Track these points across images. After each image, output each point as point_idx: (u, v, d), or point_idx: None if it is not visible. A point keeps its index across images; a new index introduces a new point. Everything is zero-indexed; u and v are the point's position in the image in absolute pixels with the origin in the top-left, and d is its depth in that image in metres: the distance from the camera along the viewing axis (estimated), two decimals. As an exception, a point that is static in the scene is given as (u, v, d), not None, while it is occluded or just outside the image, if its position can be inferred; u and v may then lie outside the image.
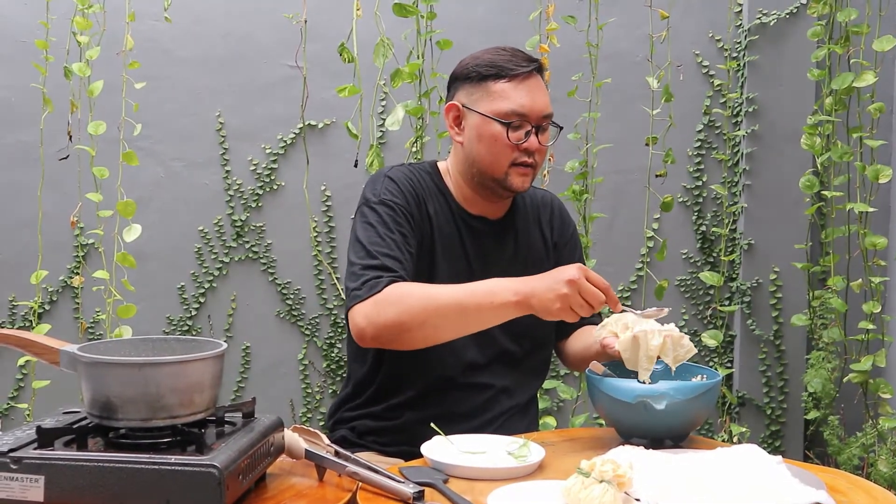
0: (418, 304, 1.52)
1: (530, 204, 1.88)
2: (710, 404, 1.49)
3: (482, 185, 1.73)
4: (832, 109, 2.87)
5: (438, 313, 1.52)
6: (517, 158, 1.68)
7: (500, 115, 1.66)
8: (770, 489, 1.18)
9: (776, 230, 3.29)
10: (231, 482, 1.08)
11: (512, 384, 1.76)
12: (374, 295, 1.54)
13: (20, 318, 3.31)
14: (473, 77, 1.70)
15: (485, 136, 1.68)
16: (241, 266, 3.39)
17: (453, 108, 1.74)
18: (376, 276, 1.57)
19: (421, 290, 1.55)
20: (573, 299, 1.45)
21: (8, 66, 3.24)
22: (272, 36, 3.30)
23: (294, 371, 3.39)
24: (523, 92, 1.67)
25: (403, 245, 1.64)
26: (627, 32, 3.29)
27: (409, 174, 1.75)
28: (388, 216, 1.66)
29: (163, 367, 1.15)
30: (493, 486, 1.23)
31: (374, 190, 1.71)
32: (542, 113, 1.68)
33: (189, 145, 3.35)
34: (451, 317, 1.53)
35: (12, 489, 1.08)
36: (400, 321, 1.52)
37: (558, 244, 1.88)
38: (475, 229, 1.77)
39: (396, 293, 1.54)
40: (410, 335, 1.55)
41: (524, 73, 1.67)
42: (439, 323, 1.53)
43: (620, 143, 3.23)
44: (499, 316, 1.53)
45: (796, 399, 3.26)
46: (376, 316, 1.53)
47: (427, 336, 1.56)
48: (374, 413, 1.75)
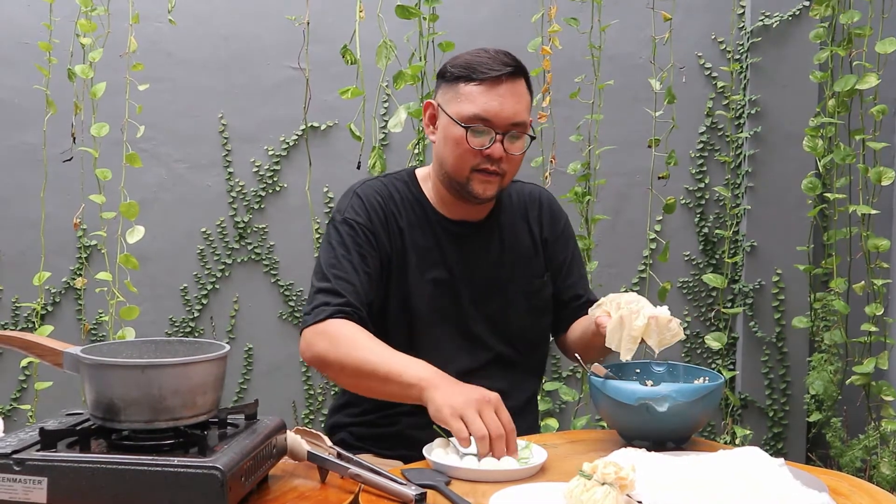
0: (342, 350, 1.53)
1: (517, 200, 1.83)
2: (713, 407, 1.49)
3: (451, 186, 1.69)
4: (835, 111, 2.86)
5: (354, 368, 1.52)
6: (479, 164, 1.63)
7: (463, 118, 1.61)
8: (772, 492, 1.18)
9: (779, 232, 3.28)
10: (234, 484, 1.08)
11: (507, 386, 1.70)
12: (315, 324, 1.57)
13: (23, 320, 3.31)
14: (448, 77, 1.66)
15: (449, 138, 1.64)
16: (244, 268, 3.39)
17: (430, 107, 1.72)
18: (324, 302, 1.59)
19: (351, 339, 1.54)
20: (468, 409, 1.35)
21: (11, 68, 3.25)
22: (275, 38, 3.31)
23: (296, 373, 3.39)
24: (491, 97, 1.60)
25: (360, 266, 1.63)
26: (630, 34, 3.29)
27: (379, 189, 1.73)
28: (348, 236, 1.66)
29: (166, 369, 1.15)
30: (495, 489, 1.23)
31: (341, 207, 1.72)
32: (511, 121, 1.61)
33: (192, 147, 3.36)
34: (364, 376, 1.52)
35: (15, 491, 1.08)
36: (325, 358, 1.55)
37: (548, 240, 1.84)
38: (455, 234, 1.73)
39: (331, 331, 1.55)
40: (333, 375, 1.61)
41: (493, 76, 1.60)
42: (352, 377, 1.55)
43: (623, 145, 3.23)
44: (400, 395, 1.48)
45: (799, 401, 3.26)
46: (311, 344, 1.57)
47: (345, 383, 1.62)
48: (370, 421, 1.75)
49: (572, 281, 1.85)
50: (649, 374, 1.65)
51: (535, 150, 2.98)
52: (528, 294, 1.78)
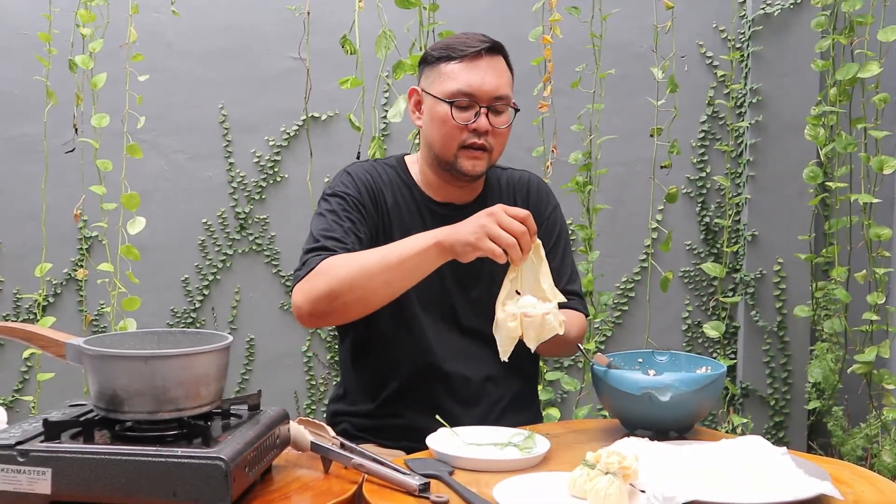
0: (344, 269, 1.53)
1: (506, 185, 1.84)
2: (715, 396, 1.49)
3: (440, 168, 1.72)
4: (836, 100, 2.85)
5: (363, 272, 1.52)
6: (466, 140, 1.66)
7: (447, 95, 1.65)
8: (775, 480, 1.18)
9: (780, 221, 3.28)
10: (237, 474, 1.09)
11: (498, 371, 1.70)
12: (309, 273, 1.57)
13: (24, 311, 3.32)
14: (430, 60, 1.71)
15: (435, 118, 1.68)
16: (245, 258, 3.39)
17: (414, 93, 1.76)
18: (315, 255, 1.59)
19: (348, 257, 1.57)
20: (490, 229, 1.42)
21: (11, 59, 3.24)
22: (275, 28, 3.30)
23: (298, 363, 3.39)
24: (472, 72, 1.65)
25: (351, 230, 1.65)
26: (631, 23, 3.28)
27: (368, 169, 1.76)
28: (338, 205, 1.68)
29: (169, 360, 1.15)
30: (498, 478, 1.24)
31: (332, 183, 1.75)
32: (493, 94, 1.65)
33: (192, 138, 3.35)
34: (376, 273, 1.52)
35: (20, 482, 1.09)
36: (329, 289, 1.53)
37: None
38: (441, 216, 1.73)
39: (326, 265, 1.56)
40: (342, 301, 1.54)
41: (472, 52, 1.65)
42: (366, 282, 1.52)
43: (624, 135, 3.22)
44: (422, 263, 1.51)
45: (800, 390, 3.26)
46: (309, 290, 1.56)
47: (358, 298, 1.55)
48: (367, 412, 1.75)
49: (552, 268, 1.82)
50: (652, 364, 1.65)
51: (536, 140, 2.97)
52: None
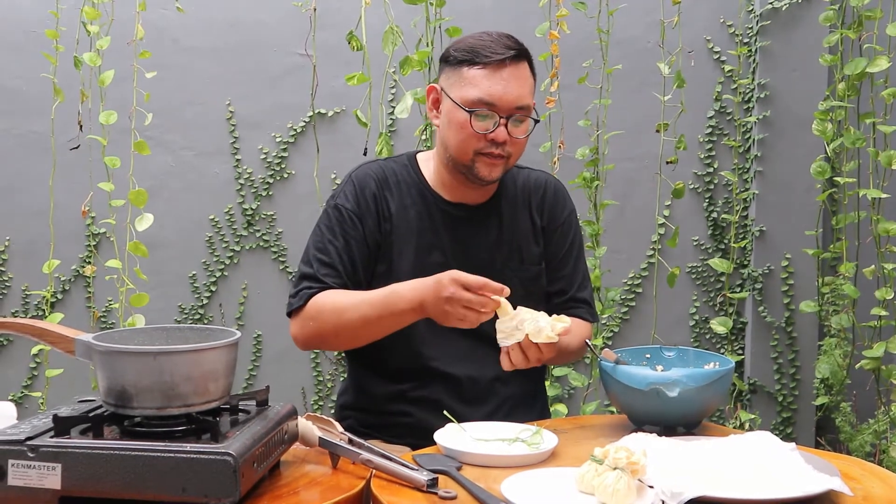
0: (330, 318, 1.63)
1: (521, 187, 1.81)
2: (723, 391, 1.49)
3: (456, 170, 1.70)
4: (844, 95, 2.84)
5: (346, 326, 1.62)
6: (484, 148, 1.63)
7: (467, 102, 1.62)
8: (784, 476, 1.18)
9: (787, 217, 3.27)
10: (246, 470, 1.09)
11: (506, 372, 1.65)
12: (300, 309, 1.67)
13: (33, 307, 3.33)
14: (451, 61, 1.67)
15: (453, 122, 1.65)
16: (252, 255, 3.40)
17: (433, 91, 1.72)
18: (307, 287, 1.67)
19: (333, 304, 1.64)
20: (453, 314, 1.48)
21: (18, 56, 3.25)
22: (281, 24, 3.30)
23: (305, 359, 3.40)
24: (495, 80, 1.61)
25: (344, 250, 1.69)
26: (638, 18, 3.27)
27: (376, 171, 1.76)
28: (336, 221, 1.71)
29: (178, 356, 1.16)
30: (506, 474, 1.24)
31: (336, 192, 1.77)
32: (515, 104, 1.62)
33: (199, 134, 3.35)
34: (359, 327, 1.61)
35: (30, 477, 1.09)
36: (318, 334, 1.65)
37: (547, 229, 1.81)
38: (453, 217, 1.74)
39: (315, 308, 1.65)
40: (330, 343, 1.75)
41: (497, 60, 1.61)
42: (350, 333, 1.63)
43: (631, 130, 3.22)
44: (401, 321, 1.59)
45: (808, 386, 3.25)
46: (301, 329, 1.68)
47: (343, 344, 1.75)
48: (374, 409, 1.75)
49: (563, 274, 1.82)
50: (659, 360, 1.65)
51: (543, 136, 2.97)
52: (524, 280, 1.75)
